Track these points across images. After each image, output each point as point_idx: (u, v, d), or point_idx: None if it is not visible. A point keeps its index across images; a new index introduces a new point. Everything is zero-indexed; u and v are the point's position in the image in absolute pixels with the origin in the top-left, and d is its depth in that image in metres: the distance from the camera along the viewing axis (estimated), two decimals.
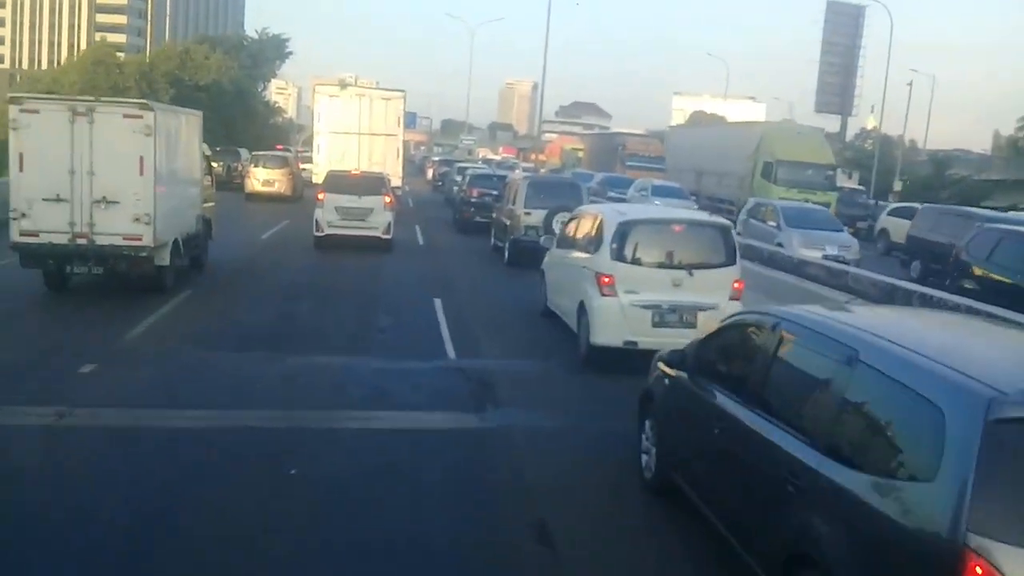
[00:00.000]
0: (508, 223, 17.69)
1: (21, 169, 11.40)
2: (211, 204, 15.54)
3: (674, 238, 9.76)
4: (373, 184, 18.76)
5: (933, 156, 50.75)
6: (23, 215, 11.45)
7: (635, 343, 9.33)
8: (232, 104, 43.07)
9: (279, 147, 42.45)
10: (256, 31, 56.54)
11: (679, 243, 9.72)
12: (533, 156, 66.74)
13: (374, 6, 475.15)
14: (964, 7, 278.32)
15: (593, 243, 10.12)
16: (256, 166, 30.17)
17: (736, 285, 9.64)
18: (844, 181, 40.34)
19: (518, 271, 16.73)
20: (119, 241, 11.69)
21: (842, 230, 19.33)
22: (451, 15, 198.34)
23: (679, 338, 7.72)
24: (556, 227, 16.62)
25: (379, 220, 18.23)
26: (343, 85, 28.91)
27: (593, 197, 20.98)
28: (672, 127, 58.40)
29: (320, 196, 18.43)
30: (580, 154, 63.24)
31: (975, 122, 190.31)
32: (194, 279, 13.93)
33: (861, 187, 40.80)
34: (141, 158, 11.60)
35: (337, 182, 18.66)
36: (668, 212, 14.27)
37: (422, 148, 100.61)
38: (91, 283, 12.61)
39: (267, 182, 29.41)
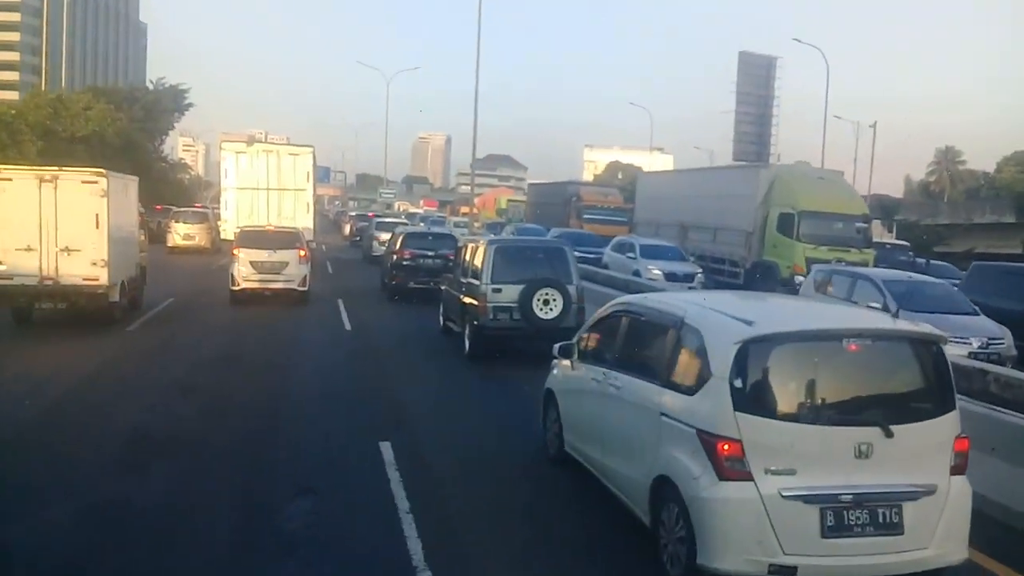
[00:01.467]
0: (468, 302, 13.02)
1: None
2: (144, 254, 18.17)
3: (850, 365, 5.30)
4: (287, 238, 18.90)
5: (880, 201, 48.64)
6: None
7: (793, 569, 4.85)
8: (116, 158, 37.21)
9: (198, 205, 43.75)
10: (151, 81, 51.08)
11: (860, 374, 5.33)
12: (463, 210, 62.36)
13: (282, 60, 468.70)
14: (862, 60, 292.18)
15: (682, 369, 5.65)
16: (177, 221, 32.73)
17: (959, 445, 5.28)
18: (881, 235, 34.75)
19: (488, 370, 12.27)
20: (79, 281, 14.37)
21: (976, 312, 13.55)
22: (364, 64, 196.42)
23: (875, 556, 4.92)
24: (539, 308, 12.29)
25: (294, 272, 18.32)
26: (250, 141, 29.17)
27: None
28: (645, 172, 49.72)
29: (235, 251, 18.47)
30: (521, 204, 58.56)
31: (887, 167, 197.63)
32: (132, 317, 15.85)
33: (904, 242, 32.73)
34: (97, 215, 14.42)
35: (250, 237, 18.78)
36: (827, 314, 6.99)
37: (336, 203, 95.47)
38: (50, 318, 15.09)
39: (187, 236, 31.71)
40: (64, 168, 15.08)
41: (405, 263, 19.94)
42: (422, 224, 42.61)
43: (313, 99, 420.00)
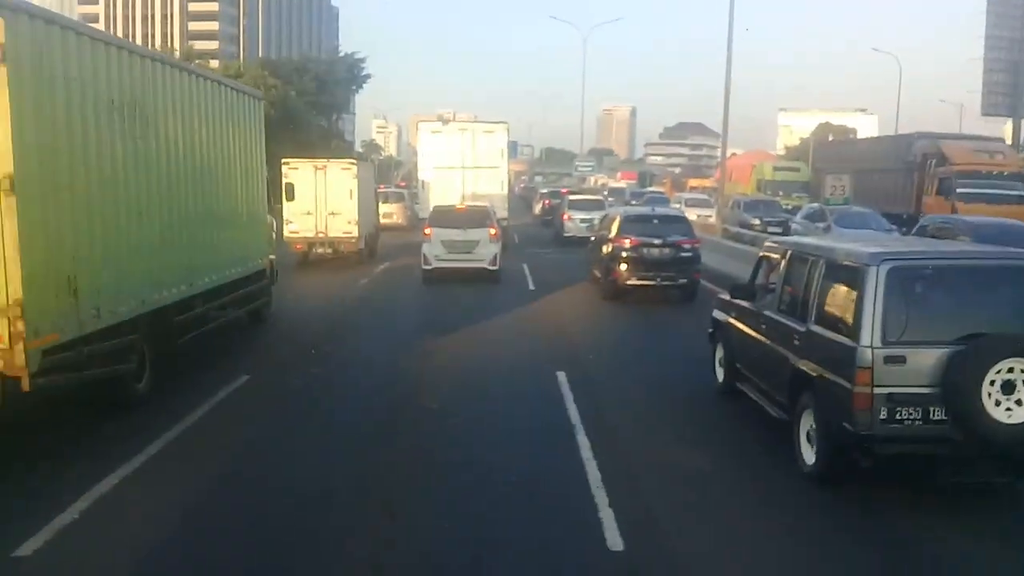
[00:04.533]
0: (819, 375, 6.73)
1: (291, 198, 21.77)
2: (376, 221, 26.55)
3: None
4: (478, 217, 18.92)
5: None
6: (290, 222, 21.98)
7: None
8: (274, 131, 33.05)
9: (401, 183, 44.22)
10: (325, 53, 47.01)
11: None
12: (692, 183, 53.57)
13: (468, 32, 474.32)
14: None
15: None
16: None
17: None
18: None
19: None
20: (341, 235, 22.07)
21: None
22: (557, 19, 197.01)
23: None
24: (995, 401, 5.83)
25: (485, 252, 18.51)
26: (444, 121, 29.09)
27: None
28: None
29: (427, 231, 18.89)
30: (795, 175, 42.03)
31: None
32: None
33: None
34: (350, 190, 22.08)
35: (442, 216, 19.03)
36: None
37: (523, 178, 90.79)
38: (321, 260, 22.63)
39: (386, 214, 32.09)
40: (330, 159, 23.72)
41: (625, 253, 16.17)
42: (633, 202, 36.39)
43: (501, 73, 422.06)
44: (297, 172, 21.85)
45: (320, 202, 21.62)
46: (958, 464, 6.23)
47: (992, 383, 5.88)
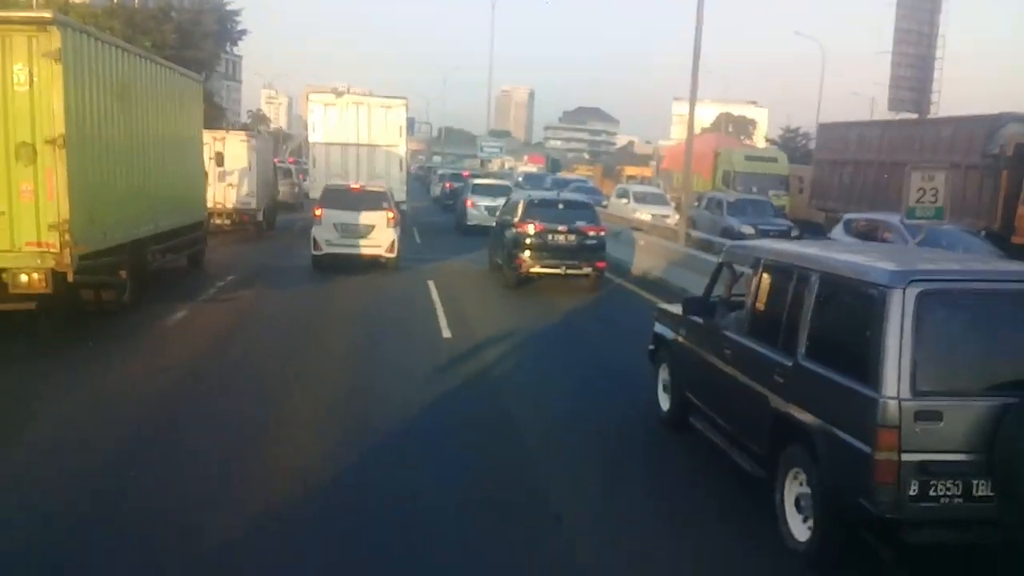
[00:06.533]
0: (824, 431, 5.16)
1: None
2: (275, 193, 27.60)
3: None
4: (375, 199, 17.52)
5: None
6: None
7: None
8: None
9: (290, 159, 41.46)
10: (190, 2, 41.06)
11: None
12: (630, 171, 47.50)
13: (360, 9, 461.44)
14: None
15: None
16: None
17: None
18: None
19: None
20: (239, 206, 22.23)
21: None
22: None
23: None
24: None
25: (382, 237, 17.11)
26: (338, 93, 26.93)
27: None
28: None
29: (317, 212, 17.31)
30: (771, 167, 33.73)
31: None
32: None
33: None
34: (249, 162, 22.54)
35: (335, 197, 17.48)
36: None
37: (420, 157, 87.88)
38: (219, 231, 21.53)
39: None
40: (229, 131, 25.36)
41: (529, 239, 15.54)
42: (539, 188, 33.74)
43: (400, 46, 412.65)
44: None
45: (218, 173, 21.50)
46: (1010, 553, 4.79)
47: None
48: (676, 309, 7.90)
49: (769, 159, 35.35)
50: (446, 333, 11.67)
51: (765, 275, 6.29)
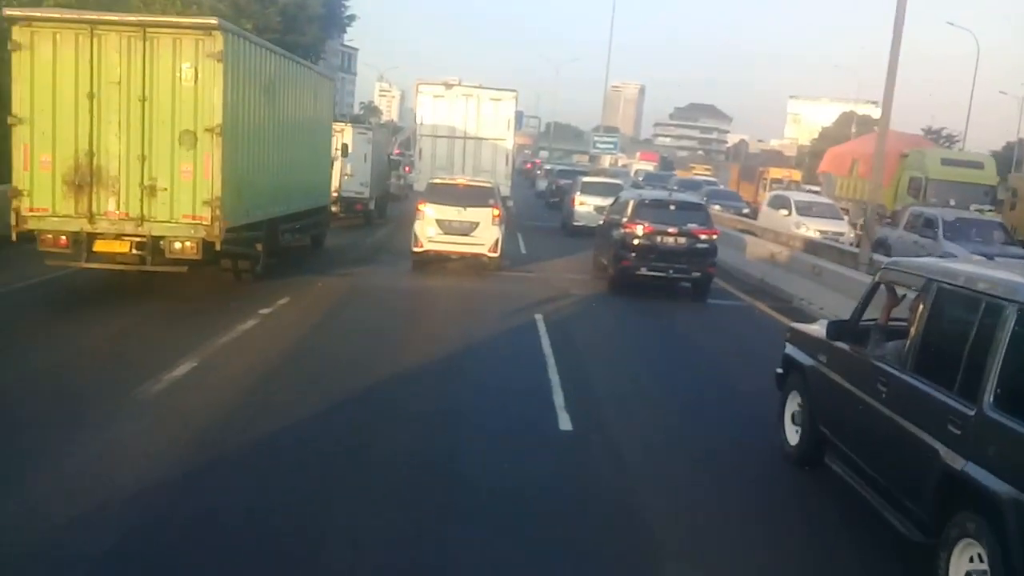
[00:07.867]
0: None
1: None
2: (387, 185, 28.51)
3: None
4: (480, 194, 16.84)
5: None
6: None
7: None
8: None
9: (396, 151, 40.27)
10: None
11: None
12: (790, 174, 41.24)
13: (475, 7, 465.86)
14: None
15: None
16: None
17: None
18: None
19: None
20: (352, 195, 23.45)
21: None
22: None
23: None
24: None
25: (485, 236, 16.42)
26: (448, 85, 26.14)
27: None
28: None
29: (420, 207, 16.71)
30: (976, 175, 27.37)
31: None
32: None
33: None
34: (365, 153, 23.73)
35: (439, 192, 16.85)
36: None
37: (526, 151, 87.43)
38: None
39: None
40: (348, 123, 25.72)
41: (637, 242, 14.94)
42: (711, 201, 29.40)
43: (512, 38, 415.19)
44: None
45: (337, 163, 21.97)
46: None
47: None
48: (814, 329, 6.92)
49: (973, 164, 28.69)
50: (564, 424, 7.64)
51: (939, 301, 5.27)
